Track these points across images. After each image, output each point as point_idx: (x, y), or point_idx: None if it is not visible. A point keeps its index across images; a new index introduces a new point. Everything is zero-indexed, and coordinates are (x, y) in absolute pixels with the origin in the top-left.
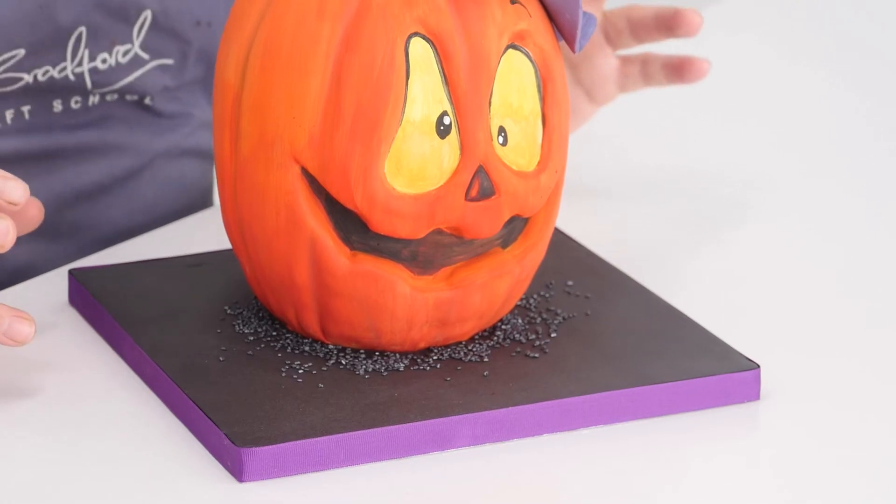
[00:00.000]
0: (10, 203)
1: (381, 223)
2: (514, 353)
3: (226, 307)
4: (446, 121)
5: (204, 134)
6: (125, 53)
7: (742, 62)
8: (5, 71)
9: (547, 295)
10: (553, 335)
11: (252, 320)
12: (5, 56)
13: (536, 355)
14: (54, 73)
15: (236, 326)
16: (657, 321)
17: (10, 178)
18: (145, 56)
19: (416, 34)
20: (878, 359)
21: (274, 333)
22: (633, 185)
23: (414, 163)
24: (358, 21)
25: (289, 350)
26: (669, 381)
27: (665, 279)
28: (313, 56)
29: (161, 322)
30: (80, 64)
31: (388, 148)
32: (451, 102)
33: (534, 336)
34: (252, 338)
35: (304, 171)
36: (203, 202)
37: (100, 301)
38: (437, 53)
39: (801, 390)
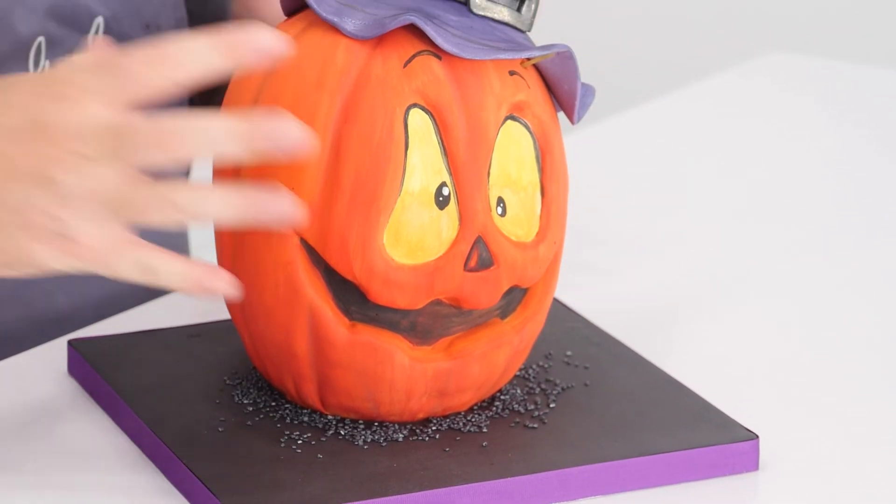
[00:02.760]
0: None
1: (379, 294)
2: (512, 424)
3: (225, 377)
4: (445, 191)
5: None
6: None
7: (740, 132)
8: None
9: (546, 365)
10: (552, 405)
11: (251, 390)
12: None
13: (535, 426)
14: None
15: (235, 397)
16: (656, 391)
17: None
18: None
19: (414, 105)
20: (879, 430)
21: (273, 404)
22: (631, 255)
23: (413, 233)
24: (357, 92)
25: (288, 420)
26: (668, 452)
27: (663, 349)
28: (312, 127)
29: (160, 392)
30: None
31: (387, 218)
32: (450, 173)
33: (533, 406)
34: (251, 408)
35: (303, 242)
36: (178, 234)
37: (99, 371)
38: (436, 124)
39: (800, 461)
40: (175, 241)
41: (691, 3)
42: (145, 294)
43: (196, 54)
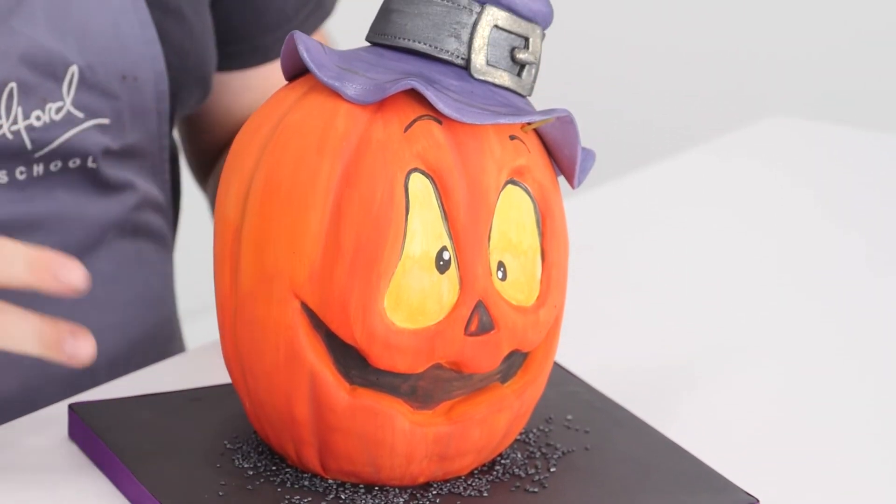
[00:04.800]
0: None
1: (380, 358)
2: (513, 488)
3: (225, 441)
4: (446, 256)
5: (154, 216)
6: (58, 111)
7: (740, 196)
8: None
9: (546, 429)
10: (552, 469)
11: (251, 455)
12: None
13: (536, 490)
14: None
15: (236, 461)
16: (656, 455)
17: (69, 263)
18: (80, 114)
19: (415, 170)
20: (879, 496)
21: (273, 468)
22: (632, 318)
23: (413, 298)
24: (358, 157)
25: (288, 485)
26: None
27: (664, 413)
28: (313, 191)
29: (161, 456)
30: (15, 122)
31: (388, 283)
32: (451, 237)
33: (533, 470)
34: (251, 472)
35: (304, 306)
36: (164, 291)
37: (99, 435)
38: (437, 189)
39: None
40: (164, 306)
41: (692, 68)
42: (144, 358)
43: (9, 262)
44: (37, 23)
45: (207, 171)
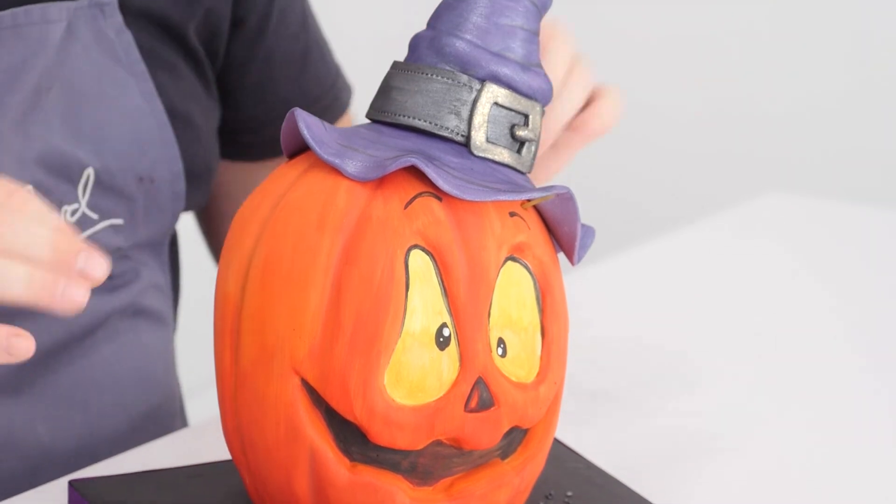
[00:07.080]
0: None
1: (380, 434)
2: None
3: None
4: (446, 332)
5: (155, 295)
6: (73, 213)
7: (739, 272)
8: None
9: None
10: None
11: None
12: None
13: None
14: None
15: None
16: None
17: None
18: (94, 216)
19: (415, 246)
20: None
21: None
22: (632, 395)
23: (413, 374)
24: (358, 234)
25: None
26: None
27: (664, 489)
28: (313, 268)
29: None
30: None
31: (388, 359)
32: (451, 314)
33: None
34: None
35: (304, 383)
36: (165, 371)
37: None
38: (437, 266)
39: None
40: (165, 385)
41: (692, 144)
42: (146, 439)
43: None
44: (52, 126)
45: None
